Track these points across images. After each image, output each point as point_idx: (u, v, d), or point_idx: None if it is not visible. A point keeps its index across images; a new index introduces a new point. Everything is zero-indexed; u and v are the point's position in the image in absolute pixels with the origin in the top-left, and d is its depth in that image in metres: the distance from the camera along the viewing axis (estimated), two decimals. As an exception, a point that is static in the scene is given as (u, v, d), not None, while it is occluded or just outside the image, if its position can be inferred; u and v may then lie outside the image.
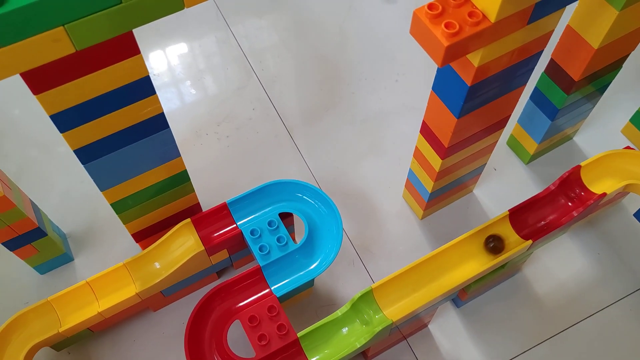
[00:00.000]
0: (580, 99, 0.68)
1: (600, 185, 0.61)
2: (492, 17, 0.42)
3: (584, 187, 0.61)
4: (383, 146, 0.81)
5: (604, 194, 0.59)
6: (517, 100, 0.59)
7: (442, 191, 0.70)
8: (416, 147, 0.66)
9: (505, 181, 0.78)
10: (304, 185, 0.64)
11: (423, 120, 0.61)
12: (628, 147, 0.64)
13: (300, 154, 0.80)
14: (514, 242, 0.59)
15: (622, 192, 0.65)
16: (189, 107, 0.85)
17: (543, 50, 0.52)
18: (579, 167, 0.61)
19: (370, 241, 0.74)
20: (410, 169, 0.71)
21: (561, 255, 0.72)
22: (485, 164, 0.70)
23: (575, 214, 0.59)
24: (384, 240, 0.74)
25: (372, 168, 0.79)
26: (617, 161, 0.62)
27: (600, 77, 0.65)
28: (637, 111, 0.76)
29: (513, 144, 0.79)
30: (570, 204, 0.61)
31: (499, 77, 0.52)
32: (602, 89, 0.69)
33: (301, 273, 0.61)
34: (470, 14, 0.42)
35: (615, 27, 0.56)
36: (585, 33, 0.59)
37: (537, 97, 0.70)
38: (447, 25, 0.42)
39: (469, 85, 0.50)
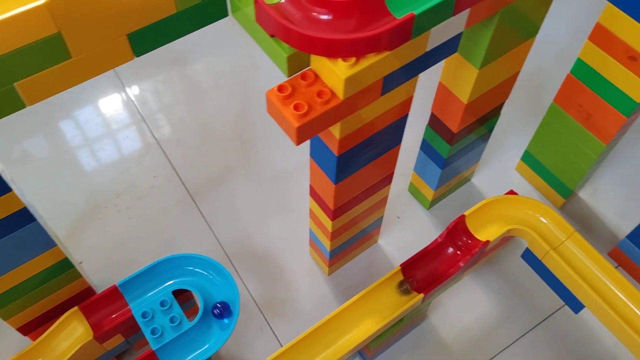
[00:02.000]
0: (465, 147, 0.71)
1: (485, 232, 0.63)
2: (341, 95, 0.43)
3: (470, 236, 0.63)
4: (289, 204, 0.81)
5: (487, 242, 0.61)
6: (396, 159, 0.60)
7: (344, 247, 0.71)
8: (310, 208, 0.67)
9: (409, 228, 0.80)
10: (196, 257, 0.63)
11: (310, 184, 0.62)
12: (511, 192, 0.67)
13: (205, 220, 0.80)
14: (409, 296, 0.60)
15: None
16: (86, 178, 0.83)
17: (408, 113, 0.54)
18: (463, 217, 0.63)
19: (280, 304, 0.74)
20: (309, 228, 0.71)
21: (464, 298, 0.74)
22: (382, 216, 0.72)
23: (461, 264, 0.61)
24: (293, 301, 0.74)
25: (280, 227, 0.79)
26: (499, 207, 0.64)
27: (480, 125, 0.68)
28: (526, 150, 0.80)
29: (413, 191, 0.81)
30: (459, 252, 0.63)
31: (367, 144, 0.53)
32: (485, 135, 0.72)
33: (199, 351, 0.59)
34: (320, 93, 0.44)
35: (479, 83, 0.59)
36: (455, 89, 0.61)
37: (426, 147, 0.72)
38: (296, 107, 0.43)
39: (336, 155, 0.51)
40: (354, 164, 0.55)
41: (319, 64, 0.44)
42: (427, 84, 0.71)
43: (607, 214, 0.81)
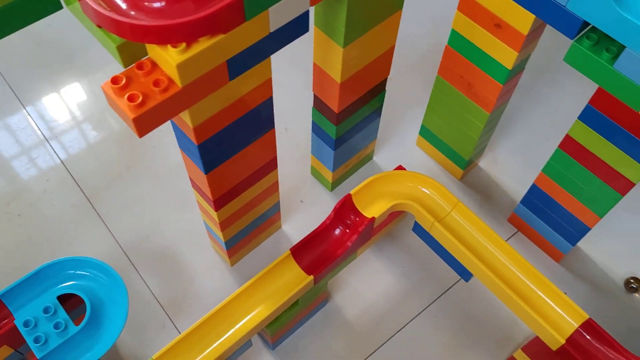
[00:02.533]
0: (354, 126, 0.71)
1: (373, 209, 0.63)
2: (179, 83, 0.42)
3: (358, 214, 0.63)
4: (188, 198, 0.79)
5: (373, 219, 0.61)
6: (274, 143, 0.60)
7: (241, 236, 0.70)
8: (197, 200, 0.65)
9: (313, 212, 0.79)
10: (81, 260, 0.61)
11: (189, 176, 0.61)
12: (400, 167, 0.67)
13: (103, 222, 0.77)
14: (299, 278, 0.60)
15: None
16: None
17: (271, 96, 0.53)
18: (349, 196, 0.63)
19: (182, 299, 0.72)
20: (203, 220, 0.70)
21: (368, 275, 0.74)
22: (279, 201, 0.71)
23: (349, 243, 0.61)
24: (196, 295, 0.73)
25: (180, 222, 0.78)
26: (384, 183, 0.64)
27: (365, 103, 0.68)
28: (422, 124, 0.81)
29: (315, 173, 0.81)
30: (347, 231, 0.63)
31: (231, 131, 0.52)
32: (375, 113, 0.72)
33: (87, 354, 0.58)
34: (156, 82, 0.42)
35: (349, 61, 0.59)
36: (327, 69, 0.61)
37: (316, 129, 0.72)
38: (130, 98, 0.41)
39: (196, 144, 0.50)
40: (222, 152, 0.53)
41: (154, 52, 0.42)
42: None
43: (506, 181, 0.82)
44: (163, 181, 0.81)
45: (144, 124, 0.42)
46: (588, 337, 0.57)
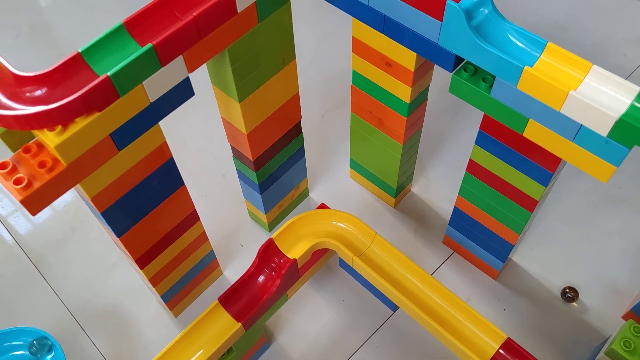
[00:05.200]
0: (277, 169, 0.73)
1: (296, 250, 0.65)
2: (63, 162, 0.45)
3: (282, 256, 0.65)
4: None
5: (295, 260, 0.63)
6: (187, 200, 0.62)
7: (178, 288, 0.72)
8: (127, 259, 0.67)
9: (253, 255, 0.81)
10: (23, 330, 0.63)
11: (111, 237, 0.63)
12: (323, 205, 0.70)
13: (50, 286, 0.79)
14: (228, 326, 0.62)
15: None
16: None
17: (171, 157, 0.56)
18: (271, 240, 0.65)
19: (130, 355, 0.74)
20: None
21: (310, 311, 0.76)
22: (212, 250, 0.73)
23: (273, 288, 0.62)
24: (143, 350, 0.74)
25: (124, 279, 0.79)
26: (306, 223, 0.67)
27: (282, 148, 0.71)
28: (350, 158, 0.83)
29: (253, 216, 0.83)
30: (273, 274, 0.65)
31: (135, 195, 0.54)
32: (297, 154, 0.75)
33: None
34: (42, 164, 0.45)
35: (250, 114, 0.61)
36: (233, 122, 0.63)
37: (241, 176, 0.74)
38: (15, 181, 0.44)
39: (100, 212, 0.52)
40: (130, 215, 0.56)
41: (38, 135, 0.45)
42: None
43: (439, 203, 0.84)
44: (107, 240, 0.83)
45: (35, 204, 0.45)
46: (508, 356, 0.58)
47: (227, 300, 0.63)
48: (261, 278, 0.64)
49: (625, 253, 0.79)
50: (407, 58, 0.60)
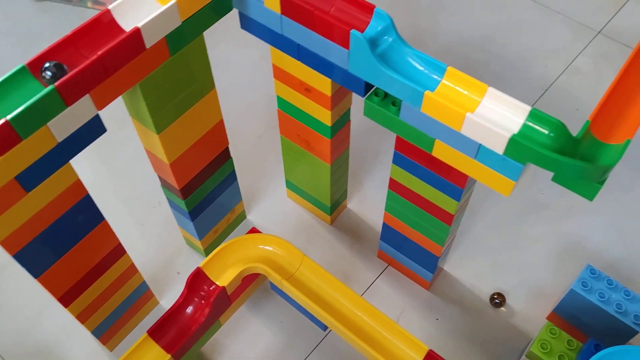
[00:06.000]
0: (207, 195, 0.73)
1: (225, 277, 0.66)
2: (-32, 208, 0.44)
3: (211, 284, 0.65)
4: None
5: (223, 288, 0.64)
6: (110, 234, 0.62)
7: (110, 322, 0.71)
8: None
9: (191, 280, 0.82)
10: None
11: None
12: (253, 230, 0.70)
13: (-21, 326, 0.77)
14: (158, 358, 0.62)
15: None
16: None
17: (87, 193, 0.56)
18: (199, 269, 0.65)
19: (66, 392, 0.73)
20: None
21: (248, 335, 0.76)
22: (144, 281, 0.73)
23: (202, 318, 0.63)
24: (79, 386, 0.73)
25: (57, 315, 0.77)
26: (235, 249, 0.67)
27: (210, 174, 0.71)
28: (286, 178, 0.85)
29: (189, 243, 0.83)
30: (203, 302, 0.65)
31: (49, 235, 0.54)
32: (228, 179, 0.76)
33: None
34: (-55, 211, 0.44)
35: (171, 144, 0.62)
36: (155, 152, 0.64)
37: (171, 204, 0.74)
38: None
39: (12, 254, 0.52)
40: (45, 256, 0.55)
41: (-61, 182, 0.44)
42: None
43: (373, 218, 0.86)
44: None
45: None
46: (432, 366, 0.60)
47: (157, 332, 0.63)
48: (190, 308, 0.64)
49: (549, 257, 0.82)
50: (323, 84, 0.61)
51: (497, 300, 0.77)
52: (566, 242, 0.84)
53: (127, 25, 0.50)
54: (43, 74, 0.46)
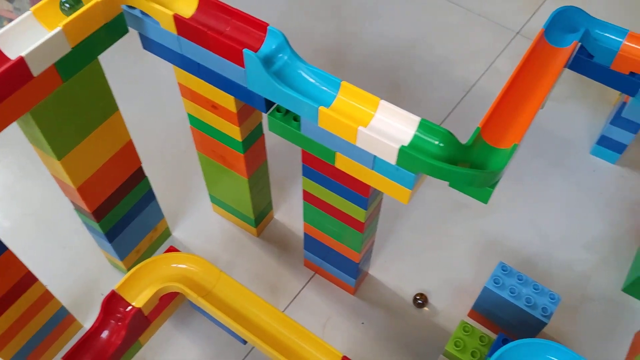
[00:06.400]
0: (124, 216, 0.73)
1: (141, 297, 0.65)
2: None
3: (127, 306, 0.65)
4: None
5: (139, 309, 0.64)
6: (16, 261, 0.60)
7: (27, 350, 0.69)
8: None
9: (116, 301, 0.81)
10: None
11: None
12: (171, 248, 0.70)
13: None
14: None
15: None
16: None
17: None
18: (113, 291, 0.64)
19: None
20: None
21: (175, 353, 0.75)
22: (62, 306, 0.71)
23: (118, 341, 0.62)
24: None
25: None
26: (152, 269, 0.67)
27: (124, 195, 0.70)
28: (209, 193, 0.85)
29: (113, 264, 0.82)
30: (119, 324, 0.65)
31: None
32: (146, 196, 0.75)
33: None
34: None
35: (76, 169, 0.61)
36: (60, 177, 0.63)
37: (87, 226, 0.73)
38: None
39: None
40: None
41: None
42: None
43: (300, 227, 0.87)
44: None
45: None
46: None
47: (72, 357, 0.62)
48: (106, 332, 0.63)
49: (470, 255, 0.85)
50: (227, 101, 0.62)
51: (419, 301, 0.79)
52: (486, 239, 0.87)
53: (13, 53, 0.50)
54: None
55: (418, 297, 0.79)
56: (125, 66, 1.04)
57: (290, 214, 0.88)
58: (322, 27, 1.14)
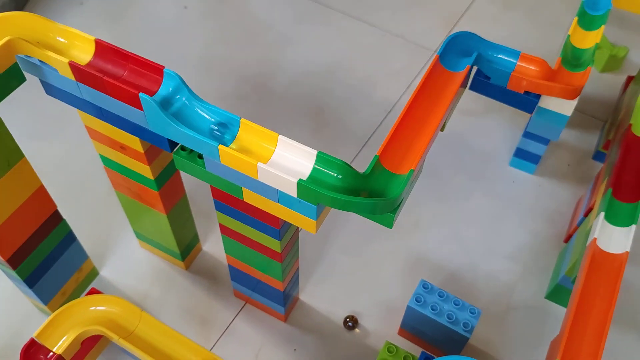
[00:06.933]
0: (43, 261, 0.72)
1: (63, 344, 0.64)
2: None
3: (48, 352, 0.64)
4: None
5: (60, 356, 0.63)
6: None
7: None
8: None
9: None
10: None
11: None
12: (93, 290, 0.69)
13: None
14: None
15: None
16: None
17: None
18: (32, 339, 0.63)
19: None
20: None
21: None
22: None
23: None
24: None
25: None
26: (72, 314, 0.66)
27: (42, 239, 0.69)
28: (133, 229, 0.84)
29: (40, 309, 0.80)
30: (40, 373, 0.64)
31: None
32: (66, 239, 0.74)
33: None
34: None
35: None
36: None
37: (6, 273, 0.72)
38: None
39: None
40: None
41: None
42: None
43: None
44: None
45: None
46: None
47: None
48: (26, 379, 0.62)
49: (397, 273, 0.87)
50: (133, 141, 0.62)
51: (349, 323, 0.80)
52: (413, 257, 0.89)
53: None
54: None
55: (348, 320, 0.81)
56: (41, 104, 1.03)
57: (218, 244, 0.88)
58: (244, 55, 1.15)
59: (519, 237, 0.92)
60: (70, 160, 0.97)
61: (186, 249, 0.82)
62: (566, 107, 0.77)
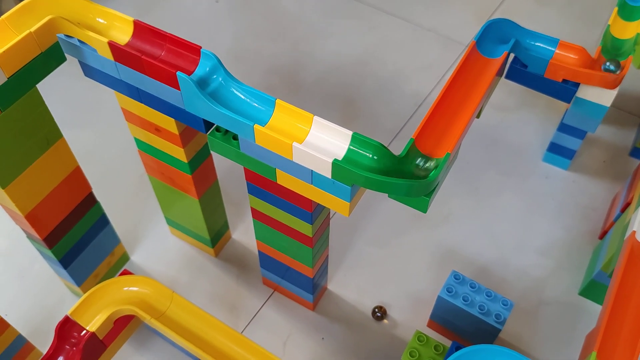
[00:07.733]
0: (77, 242, 0.73)
1: (95, 322, 0.65)
2: None
3: (82, 329, 0.65)
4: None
5: (92, 333, 0.63)
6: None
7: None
8: None
9: (75, 329, 0.80)
10: None
11: None
12: (125, 272, 0.70)
13: None
14: None
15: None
16: None
17: None
18: (67, 317, 0.64)
19: None
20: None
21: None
22: (19, 334, 0.71)
23: (68, 367, 0.62)
24: None
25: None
26: (105, 293, 0.67)
27: (77, 221, 0.71)
28: (165, 216, 0.85)
29: (72, 290, 0.82)
30: (74, 349, 0.64)
31: None
32: (99, 222, 0.75)
33: None
34: None
35: (22, 197, 0.61)
36: (7, 205, 0.63)
37: (42, 253, 0.74)
38: None
39: None
40: None
41: None
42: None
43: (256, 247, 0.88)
44: None
45: None
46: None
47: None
48: (60, 357, 0.63)
49: (427, 265, 0.86)
50: (169, 123, 0.63)
51: (378, 314, 0.80)
52: (443, 249, 0.88)
53: (-54, 85, 0.50)
54: None
55: (377, 310, 0.80)
56: (76, 92, 1.05)
57: (247, 233, 0.89)
58: (274, 48, 1.16)
59: (551, 233, 0.90)
60: (102, 147, 0.99)
61: (216, 235, 0.83)
62: (605, 97, 0.75)
